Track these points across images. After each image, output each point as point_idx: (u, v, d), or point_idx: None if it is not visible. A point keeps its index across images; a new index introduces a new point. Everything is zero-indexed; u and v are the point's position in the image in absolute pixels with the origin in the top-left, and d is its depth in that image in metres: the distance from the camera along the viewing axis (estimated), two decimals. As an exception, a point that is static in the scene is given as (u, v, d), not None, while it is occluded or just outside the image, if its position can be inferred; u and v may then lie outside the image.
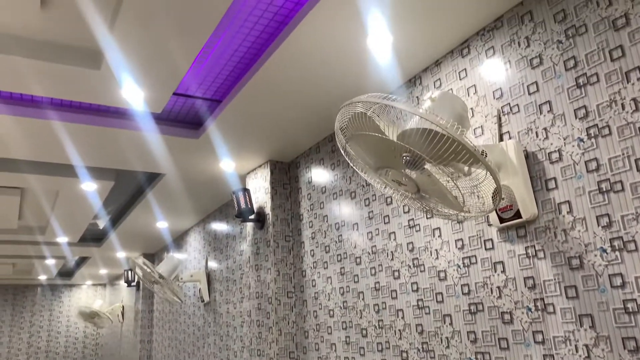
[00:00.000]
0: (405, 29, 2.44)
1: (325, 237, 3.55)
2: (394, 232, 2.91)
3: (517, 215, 2.14)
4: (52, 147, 3.70)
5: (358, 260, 3.19)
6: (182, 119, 3.66)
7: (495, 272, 2.27)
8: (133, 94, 3.05)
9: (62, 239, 6.69)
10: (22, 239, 6.74)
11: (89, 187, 4.65)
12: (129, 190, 5.23)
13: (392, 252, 2.91)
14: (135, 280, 7.83)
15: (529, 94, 2.20)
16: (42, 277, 10.20)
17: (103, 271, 9.45)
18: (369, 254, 3.09)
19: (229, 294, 4.88)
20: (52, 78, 2.85)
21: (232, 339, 4.71)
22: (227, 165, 4.18)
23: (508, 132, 2.28)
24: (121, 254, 7.76)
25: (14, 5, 2.38)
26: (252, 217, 4.07)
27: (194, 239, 6.02)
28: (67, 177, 4.42)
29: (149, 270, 5.00)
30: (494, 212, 2.23)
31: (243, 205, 4.02)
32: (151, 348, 7.38)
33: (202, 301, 5.37)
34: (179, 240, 6.57)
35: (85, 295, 11.34)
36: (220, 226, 5.29)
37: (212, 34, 2.64)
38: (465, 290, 2.41)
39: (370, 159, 2.10)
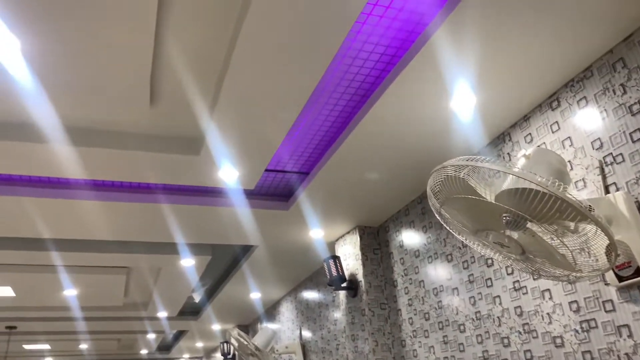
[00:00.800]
0: (490, 88, 2.44)
1: (423, 303, 3.44)
2: (498, 296, 2.77)
3: (638, 272, 1.97)
4: (156, 227, 3.97)
5: (462, 327, 3.04)
6: (272, 192, 3.81)
7: (620, 337, 2.07)
8: (228, 174, 3.25)
9: (162, 314, 7.00)
10: (127, 315, 7.14)
11: (188, 262, 4.89)
12: (223, 264, 5.43)
13: (498, 317, 2.76)
14: (231, 352, 7.92)
15: (633, 141, 2.08)
16: (144, 352, 10.62)
17: (199, 344, 9.68)
18: (473, 320, 2.95)
19: (325, 365, 4.80)
20: (158, 166, 3.11)
21: (331, 413, 4.58)
22: (316, 233, 4.25)
23: (614, 183, 2.15)
24: (216, 327, 7.95)
25: (127, 105, 2.68)
26: (344, 285, 4.05)
27: (286, 308, 6.06)
28: (169, 254, 4.68)
29: (245, 342, 5.06)
30: (611, 270, 2.07)
31: (334, 273, 4.03)
32: (249, 423, 7.31)
33: (298, 373, 5.31)
34: (272, 310, 6.64)
35: (183, 369, 11.60)
36: (312, 295, 5.30)
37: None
38: (588, 357, 2.21)
39: (467, 221, 2.05)
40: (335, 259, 4.07)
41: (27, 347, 9.01)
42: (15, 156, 2.90)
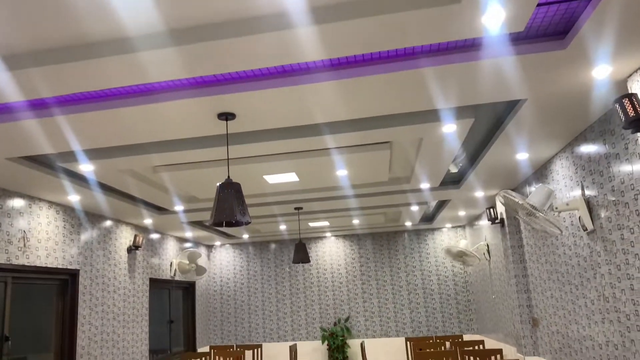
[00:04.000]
0: None
1: None
2: None
3: None
4: (413, 95, 3.91)
5: None
6: (543, 31, 3.32)
7: None
8: (494, 18, 2.90)
9: (425, 185, 7.24)
10: (392, 190, 7.62)
11: (450, 128, 4.79)
12: (485, 127, 5.19)
13: None
14: (499, 217, 7.87)
15: None
16: (408, 224, 11.42)
17: (462, 213, 9.89)
18: None
19: (620, 218, 4.31)
20: (416, 26, 2.94)
21: (634, 266, 4.16)
22: (602, 71, 3.61)
23: None
24: (479, 193, 7.91)
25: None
26: (646, 125, 3.42)
27: (561, 166, 5.56)
28: (429, 122, 4.63)
29: (520, 202, 4.87)
30: None
31: (631, 113, 3.42)
32: (527, 282, 7.32)
33: (585, 230, 4.93)
34: (542, 170, 6.21)
35: (447, 238, 12.16)
36: (594, 147, 4.70)
37: None
38: None
39: None
40: (631, 96, 3.43)
41: (311, 224, 10.55)
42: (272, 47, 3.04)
